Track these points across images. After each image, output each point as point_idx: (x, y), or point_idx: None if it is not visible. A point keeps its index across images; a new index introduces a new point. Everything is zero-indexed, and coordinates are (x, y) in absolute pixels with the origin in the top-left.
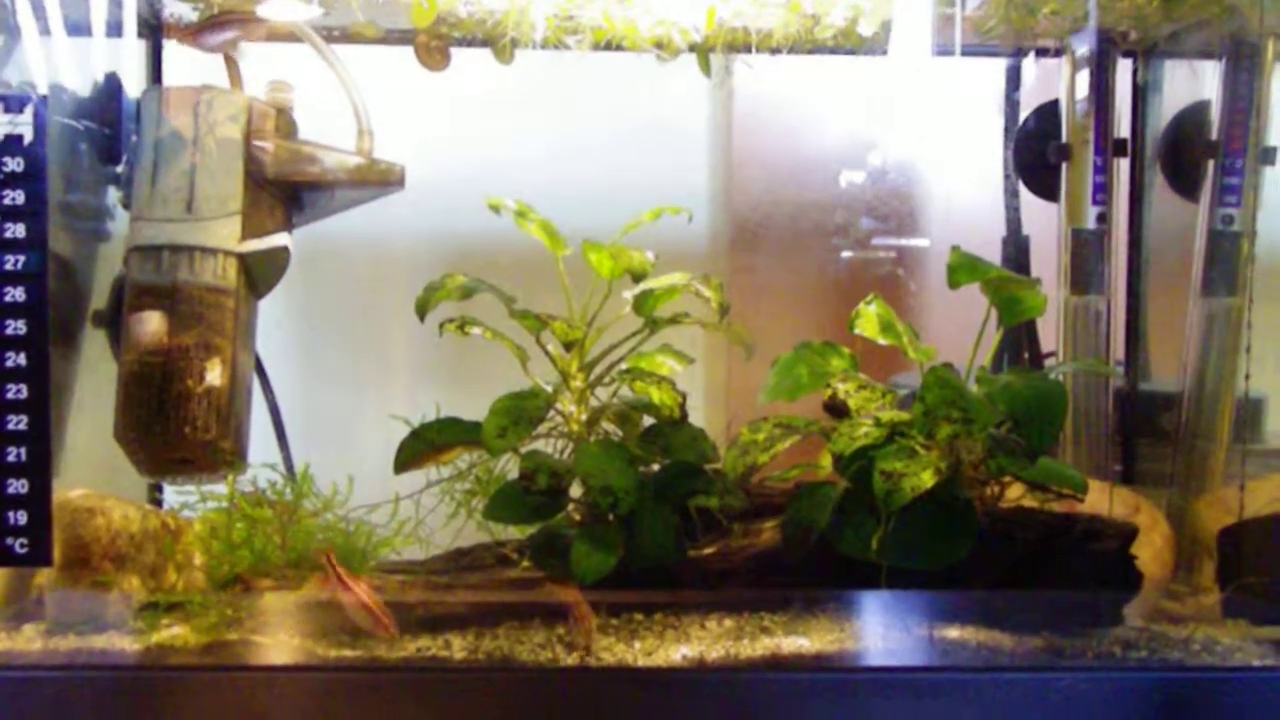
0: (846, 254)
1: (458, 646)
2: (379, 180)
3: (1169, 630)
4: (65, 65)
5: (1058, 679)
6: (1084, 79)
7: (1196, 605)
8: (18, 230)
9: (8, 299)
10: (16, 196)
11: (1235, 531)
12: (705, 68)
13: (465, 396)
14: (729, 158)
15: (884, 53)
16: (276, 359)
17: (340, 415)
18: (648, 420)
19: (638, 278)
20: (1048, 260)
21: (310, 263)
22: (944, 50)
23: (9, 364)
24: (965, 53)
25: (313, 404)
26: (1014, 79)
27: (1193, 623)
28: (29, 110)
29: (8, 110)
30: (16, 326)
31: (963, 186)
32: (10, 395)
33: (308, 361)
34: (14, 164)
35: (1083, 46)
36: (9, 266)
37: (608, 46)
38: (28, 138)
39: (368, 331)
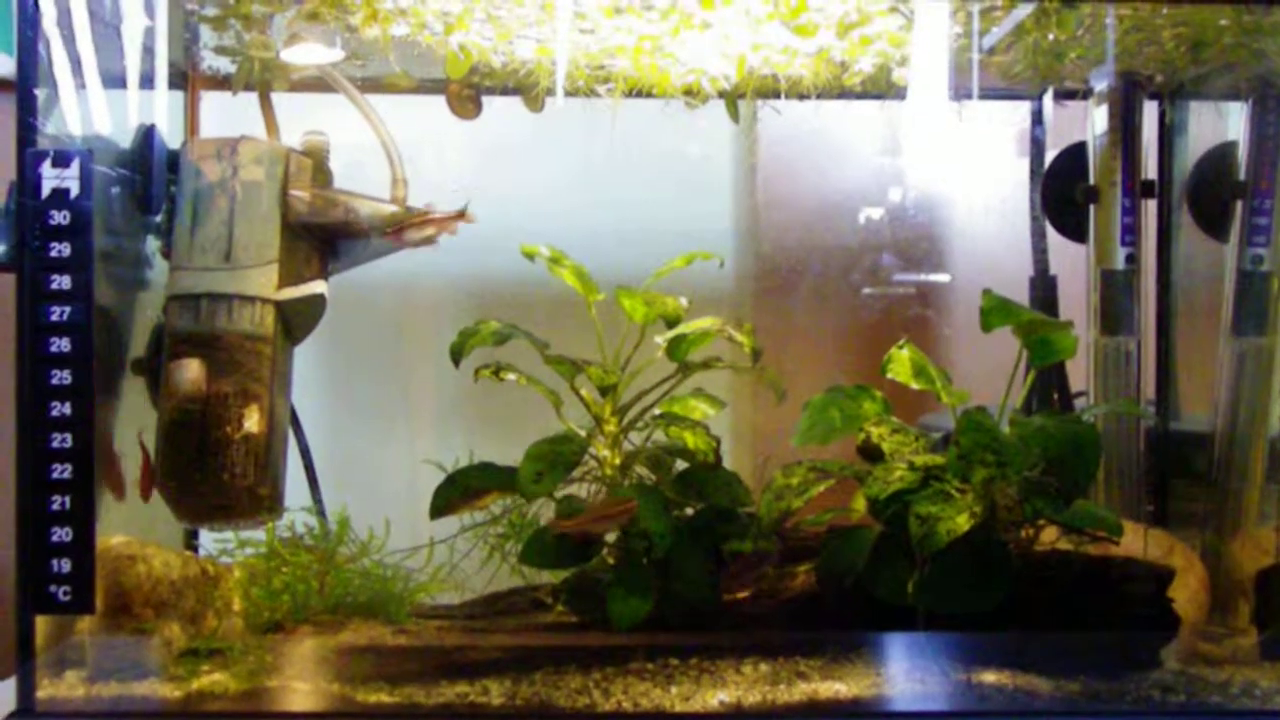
0: (873, 295)
1: (495, 692)
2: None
3: (1207, 673)
4: (102, 117)
5: None
6: (1109, 120)
7: (1234, 647)
8: (64, 282)
9: (54, 349)
10: (63, 249)
11: (1272, 572)
12: (734, 114)
13: (495, 440)
14: (755, 200)
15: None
16: (308, 403)
17: (371, 459)
18: (680, 464)
19: (671, 323)
20: (1072, 299)
21: (343, 308)
22: (967, 93)
23: (54, 413)
24: (990, 95)
25: (344, 448)
26: (1039, 121)
27: (1231, 665)
28: (75, 165)
29: (55, 165)
30: (62, 377)
31: (988, 226)
32: (55, 444)
33: (339, 405)
34: (60, 217)
35: (1107, 87)
36: (55, 318)
37: (637, 94)
38: (74, 191)
39: (399, 375)
